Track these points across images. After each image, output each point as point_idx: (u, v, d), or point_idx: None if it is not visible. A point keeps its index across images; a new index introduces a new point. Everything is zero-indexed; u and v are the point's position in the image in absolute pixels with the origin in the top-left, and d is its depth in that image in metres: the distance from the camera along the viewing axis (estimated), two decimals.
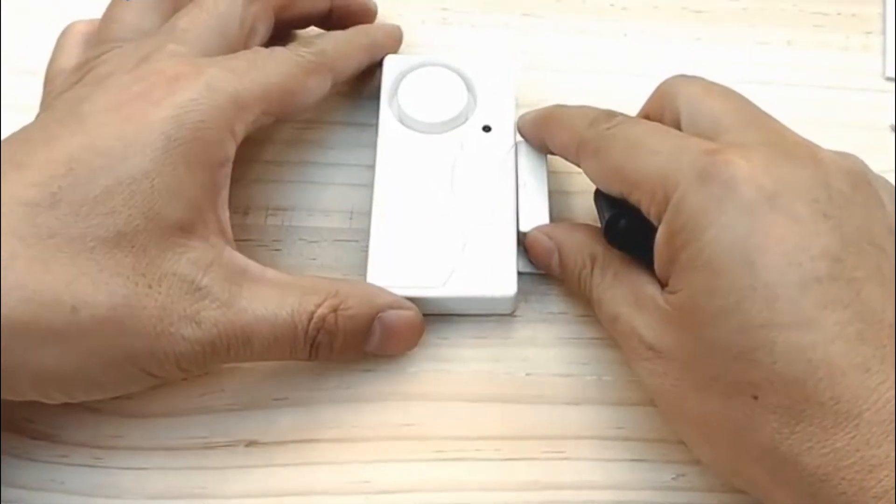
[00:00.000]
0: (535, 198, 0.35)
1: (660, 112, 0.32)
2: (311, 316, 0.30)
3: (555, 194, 0.36)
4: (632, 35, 0.42)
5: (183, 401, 0.32)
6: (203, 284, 0.28)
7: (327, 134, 0.39)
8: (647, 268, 0.30)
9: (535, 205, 0.35)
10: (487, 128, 0.37)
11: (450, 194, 0.35)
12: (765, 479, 0.26)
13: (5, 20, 0.41)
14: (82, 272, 0.27)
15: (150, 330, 0.27)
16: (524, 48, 0.42)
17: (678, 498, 0.31)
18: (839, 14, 0.43)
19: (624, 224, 0.30)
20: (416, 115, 0.36)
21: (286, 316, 0.29)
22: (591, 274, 0.32)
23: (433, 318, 0.34)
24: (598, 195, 0.32)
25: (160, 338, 0.28)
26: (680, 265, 0.27)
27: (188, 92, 0.30)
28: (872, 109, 0.40)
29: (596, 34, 0.42)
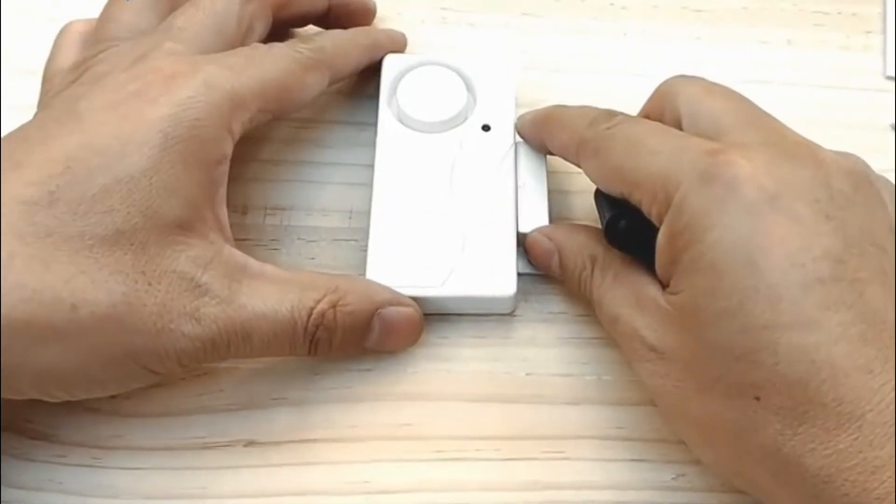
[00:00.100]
0: (535, 198, 0.35)
1: (660, 112, 0.32)
2: (311, 312, 0.30)
3: (554, 194, 0.36)
4: (631, 35, 0.42)
5: (181, 401, 0.32)
6: (203, 281, 0.28)
7: (326, 133, 0.39)
8: (648, 268, 0.30)
9: (535, 205, 0.35)
10: (487, 127, 0.36)
11: (449, 194, 0.35)
12: (767, 481, 0.26)
13: (5, 20, 0.41)
14: (81, 270, 0.27)
15: (151, 327, 0.27)
16: (524, 48, 0.41)
17: (678, 498, 0.31)
18: (839, 13, 0.43)
19: (624, 224, 0.30)
20: (416, 115, 0.36)
21: (286, 312, 0.29)
22: (592, 275, 0.32)
23: (433, 318, 0.34)
24: (599, 195, 0.32)
25: (160, 335, 0.28)
26: (682, 266, 0.27)
27: (185, 90, 0.29)
28: (872, 109, 0.40)
29: (595, 34, 0.42)
